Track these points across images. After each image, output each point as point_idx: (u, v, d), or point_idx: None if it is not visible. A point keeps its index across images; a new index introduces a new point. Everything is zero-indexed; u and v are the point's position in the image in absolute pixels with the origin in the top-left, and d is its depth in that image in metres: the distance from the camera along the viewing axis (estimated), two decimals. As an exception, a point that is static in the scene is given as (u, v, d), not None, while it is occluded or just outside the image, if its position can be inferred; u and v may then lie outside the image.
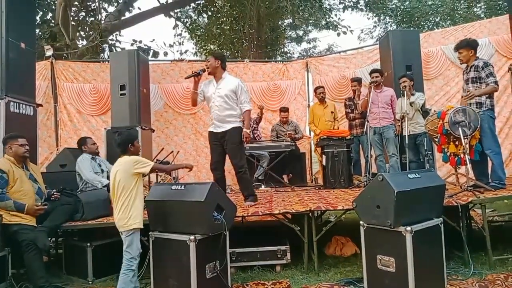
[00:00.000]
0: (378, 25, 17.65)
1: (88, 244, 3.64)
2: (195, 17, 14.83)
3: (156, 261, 3.11)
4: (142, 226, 3.03)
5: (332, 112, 6.52)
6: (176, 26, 12.94)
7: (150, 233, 3.16)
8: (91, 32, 10.34)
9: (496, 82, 4.07)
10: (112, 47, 11.13)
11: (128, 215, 2.93)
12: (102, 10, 11.25)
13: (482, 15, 14.17)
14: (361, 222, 3.03)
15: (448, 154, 4.17)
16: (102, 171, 4.46)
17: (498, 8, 13.65)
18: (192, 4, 13.28)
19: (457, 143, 4.03)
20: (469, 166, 4.03)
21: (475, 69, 4.17)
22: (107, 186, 4.29)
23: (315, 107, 6.69)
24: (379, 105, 5.38)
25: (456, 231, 3.51)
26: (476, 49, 4.29)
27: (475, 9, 14.97)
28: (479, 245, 3.61)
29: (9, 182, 3.45)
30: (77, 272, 3.76)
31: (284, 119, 6.84)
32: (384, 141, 5.38)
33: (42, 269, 3.35)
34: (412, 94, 5.09)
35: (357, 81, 6.32)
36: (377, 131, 5.40)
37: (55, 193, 3.91)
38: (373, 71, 5.54)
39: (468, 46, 4.25)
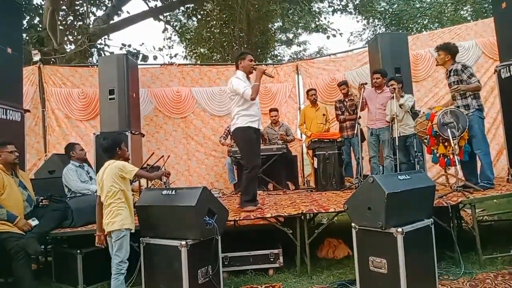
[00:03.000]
0: (367, 28, 17.82)
1: (78, 251, 3.57)
2: (185, 21, 14.82)
3: (148, 267, 3.08)
4: (132, 229, 3.00)
5: (324, 115, 6.56)
6: (165, 29, 12.92)
7: (141, 238, 3.14)
8: (79, 37, 10.26)
9: (478, 81, 4.12)
10: (101, 52, 11.06)
11: (116, 218, 2.91)
12: (91, 14, 11.20)
13: (469, 18, 14.40)
14: (352, 224, 3.04)
15: (438, 155, 4.21)
16: (91, 178, 4.37)
17: (484, 11, 13.89)
18: (182, 8, 13.27)
19: (446, 144, 4.07)
20: (458, 166, 4.08)
21: (454, 73, 4.21)
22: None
23: (307, 110, 6.72)
24: (376, 106, 5.39)
25: (447, 231, 3.54)
26: (454, 56, 4.31)
27: (462, 12, 15.19)
28: (470, 244, 3.65)
29: (-1, 189, 3.39)
30: (67, 280, 3.69)
31: (274, 118, 6.83)
32: (380, 143, 5.41)
33: (31, 277, 3.29)
34: (402, 96, 5.13)
35: (344, 84, 6.41)
36: (374, 132, 5.43)
37: (43, 200, 3.84)
38: (375, 72, 5.53)
39: (446, 50, 4.29)
